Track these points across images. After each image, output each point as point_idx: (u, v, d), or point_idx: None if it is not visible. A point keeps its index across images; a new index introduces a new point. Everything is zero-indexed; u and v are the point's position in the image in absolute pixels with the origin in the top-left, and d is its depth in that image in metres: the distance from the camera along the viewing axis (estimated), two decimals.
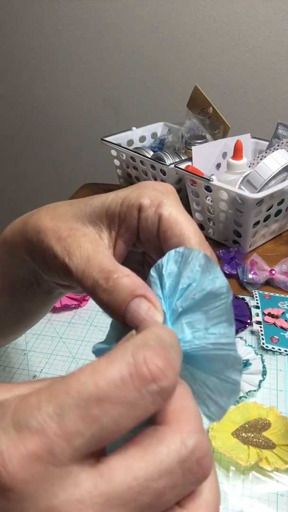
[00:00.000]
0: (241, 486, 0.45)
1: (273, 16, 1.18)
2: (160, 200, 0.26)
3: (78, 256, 0.25)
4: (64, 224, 0.26)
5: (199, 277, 0.22)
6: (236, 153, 0.81)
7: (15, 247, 0.30)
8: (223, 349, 0.21)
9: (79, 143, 1.67)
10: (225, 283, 0.22)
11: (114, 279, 0.23)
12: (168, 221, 0.25)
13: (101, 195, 0.27)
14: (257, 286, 0.72)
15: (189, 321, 0.22)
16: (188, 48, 1.32)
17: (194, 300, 0.22)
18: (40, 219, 0.27)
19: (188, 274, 0.22)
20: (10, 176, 1.89)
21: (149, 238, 0.26)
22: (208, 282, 0.22)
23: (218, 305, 0.21)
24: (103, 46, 1.43)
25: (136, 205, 0.26)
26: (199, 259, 0.22)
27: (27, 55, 1.56)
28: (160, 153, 0.92)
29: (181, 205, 0.26)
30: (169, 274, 0.23)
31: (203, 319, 0.21)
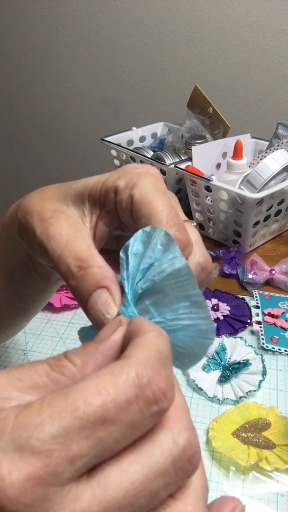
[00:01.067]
0: (241, 486, 0.45)
1: (273, 16, 1.18)
2: (134, 182, 0.25)
3: (57, 239, 0.25)
4: (50, 206, 0.27)
5: (160, 256, 0.22)
6: (236, 153, 0.81)
7: (11, 228, 0.30)
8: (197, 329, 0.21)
9: (79, 143, 1.67)
10: (183, 263, 0.21)
11: (85, 268, 0.24)
12: (139, 202, 0.25)
13: (86, 179, 0.27)
14: (257, 286, 0.72)
15: (153, 301, 0.22)
16: (188, 48, 1.32)
17: (154, 281, 0.21)
18: (30, 201, 0.28)
19: (150, 253, 0.22)
20: (10, 176, 1.89)
21: (128, 221, 0.26)
22: (167, 263, 0.21)
23: (181, 285, 0.21)
24: (103, 46, 1.43)
25: (112, 188, 0.26)
26: (161, 238, 0.22)
27: (27, 55, 1.56)
28: (160, 153, 0.92)
29: (157, 184, 0.25)
30: (134, 255, 0.22)
31: (167, 300, 0.21)
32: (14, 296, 0.36)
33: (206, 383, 0.55)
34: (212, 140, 0.95)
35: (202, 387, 0.54)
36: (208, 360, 0.58)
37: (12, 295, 0.36)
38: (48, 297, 0.39)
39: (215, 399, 0.54)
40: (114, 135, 1.00)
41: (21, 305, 0.38)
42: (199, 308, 0.21)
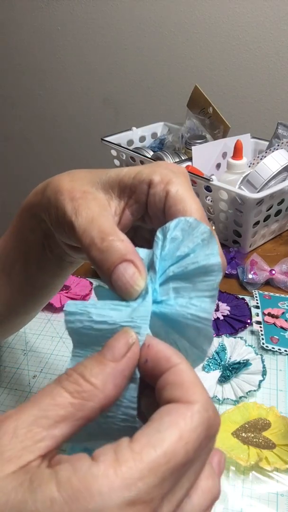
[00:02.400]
0: (241, 486, 0.45)
1: (273, 16, 1.18)
2: (169, 178, 0.27)
3: (84, 216, 0.26)
4: (80, 187, 0.28)
5: (198, 249, 0.23)
6: (236, 153, 0.82)
7: (36, 206, 0.32)
8: (200, 322, 0.22)
9: (79, 143, 1.67)
10: (218, 261, 0.23)
11: (109, 241, 0.25)
12: (174, 198, 0.26)
13: (119, 168, 0.29)
14: (257, 286, 0.72)
15: (176, 287, 0.23)
16: (188, 48, 1.32)
17: (186, 269, 0.23)
18: (60, 180, 0.29)
19: (189, 244, 0.23)
20: (10, 176, 1.89)
21: (156, 214, 0.28)
22: (203, 257, 0.23)
23: (206, 280, 0.22)
24: (103, 46, 1.43)
25: (147, 181, 0.27)
26: (204, 233, 0.23)
27: (27, 55, 1.56)
28: (160, 153, 0.92)
29: (189, 185, 0.28)
30: (172, 239, 0.24)
31: (189, 288, 0.23)
32: (28, 280, 0.37)
33: (206, 383, 0.55)
34: (212, 140, 0.95)
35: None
36: (208, 360, 0.58)
37: (26, 279, 0.37)
38: (60, 283, 0.40)
39: (215, 399, 0.54)
40: (114, 135, 1.00)
41: (34, 290, 0.39)
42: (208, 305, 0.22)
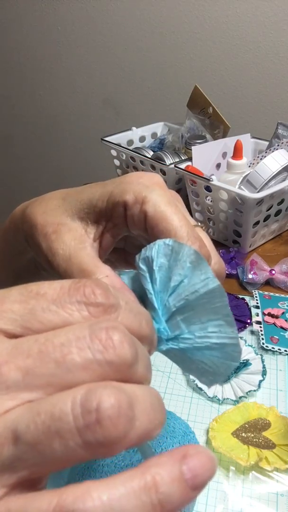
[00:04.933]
0: (241, 486, 0.45)
1: (273, 16, 1.18)
2: (144, 196, 0.25)
3: (60, 254, 0.25)
4: (53, 219, 0.27)
5: (190, 274, 0.22)
6: (236, 153, 0.81)
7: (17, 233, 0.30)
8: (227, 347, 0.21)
9: (79, 143, 1.67)
10: (217, 283, 0.21)
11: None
12: (153, 218, 0.25)
13: (91, 189, 0.27)
14: (257, 286, 0.72)
15: (184, 318, 0.22)
16: (188, 48, 1.32)
17: (188, 301, 0.22)
18: (33, 212, 0.28)
19: (179, 271, 0.22)
20: (10, 176, 1.89)
21: (139, 233, 0.26)
22: (201, 284, 0.21)
23: (213, 305, 0.21)
24: (103, 46, 1.43)
25: (121, 203, 0.25)
26: (190, 256, 0.22)
27: (27, 55, 1.56)
28: (160, 153, 0.92)
29: (167, 196, 0.25)
30: (159, 268, 0.22)
31: (198, 314, 0.22)
32: None
33: None
34: (212, 140, 0.95)
35: (202, 387, 0.54)
36: None
37: None
38: None
39: (215, 399, 0.54)
40: (114, 135, 1.00)
41: None
42: (228, 327, 0.21)
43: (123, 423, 0.14)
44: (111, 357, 0.16)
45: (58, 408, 0.14)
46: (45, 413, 0.14)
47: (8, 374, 0.15)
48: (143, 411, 0.16)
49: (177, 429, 0.48)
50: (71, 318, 0.17)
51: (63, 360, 0.15)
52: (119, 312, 0.18)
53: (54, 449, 0.14)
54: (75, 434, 0.14)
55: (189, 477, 0.15)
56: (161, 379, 0.57)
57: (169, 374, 0.58)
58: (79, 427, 0.14)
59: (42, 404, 0.15)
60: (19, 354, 0.16)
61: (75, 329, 0.16)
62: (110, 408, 0.14)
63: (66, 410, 0.14)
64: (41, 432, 0.14)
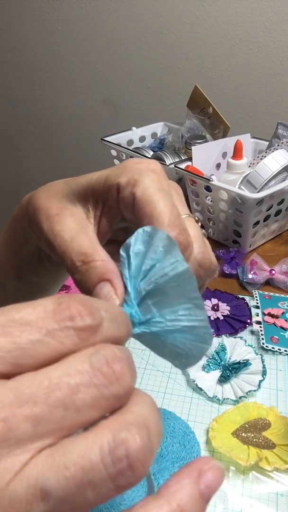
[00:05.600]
0: (241, 486, 0.45)
1: (273, 16, 1.18)
2: (136, 179, 0.25)
3: (62, 236, 0.26)
4: (56, 203, 0.27)
5: (162, 258, 0.22)
6: (236, 153, 0.82)
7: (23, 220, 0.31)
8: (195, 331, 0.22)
9: (79, 143, 1.67)
10: (186, 267, 0.21)
11: (88, 263, 0.24)
12: (141, 200, 0.25)
13: (89, 174, 0.27)
14: (257, 286, 0.72)
15: (155, 301, 0.22)
16: (188, 48, 1.32)
17: (157, 284, 0.22)
18: (37, 197, 0.28)
19: (151, 255, 0.22)
20: (10, 176, 1.89)
21: (131, 217, 0.26)
22: (170, 267, 0.22)
23: (183, 288, 0.22)
24: (103, 46, 1.43)
25: (114, 185, 0.26)
26: (162, 240, 0.22)
27: (28, 55, 1.56)
28: (160, 153, 0.92)
29: (159, 181, 0.25)
30: (136, 254, 0.23)
31: (169, 299, 0.22)
32: (24, 287, 0.36)
33: (206, 383, 0.55)
34: (212, 140, 0.95)
35: (202, 387, 0.55)
36: (208, 360, 0.58)
37: (22, 287, 0.36)
38: (59, 285, 0.39)
39: (215, 399, 0.54)
40: (114, 135, 1.00)
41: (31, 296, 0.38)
42: (197, 310, 0.22)
43: (150, 458, 0.15)
44: (117, 390, 0.16)
45: (87, 459, 0.14)
46: (75, 465, 0.14)
47: (17, 427, 0.14)
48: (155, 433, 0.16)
49: (177, 429, 0.48)
50: (63, 347, 0.16)
51: (72, 403, 0.15)
52: (104, 326, 0.17)
53: (87, 497, 0.14)
54: (107, 481, 0.14)
55: (206, 492, 0.16)
56: (161, 379, 0.57)
57: (169, 374, 0.58)
58: (111, 475, 0.14)
59: (66, 455, 0.14)
60: (24, 403, 0.15)
61: (75, 365, 0.16)
62: (139, 451, 0.15)
63: (96, 461, 0.14)
64: (72, 485, 0.14)
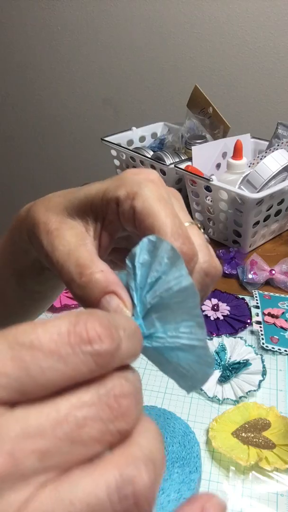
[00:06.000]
0: (241, 486, 0.45)
1: (273, 16, 1.18)
2: (135, 191, 0.25)
3: (61, 250, 0.25)
4: (55, 217, 0.27)
5: (167, 270, 0.22)
6: (236, 153, 0.82)
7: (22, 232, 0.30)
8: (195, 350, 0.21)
9: (79, 143, 1.67)
10: (190, 282, 0.21)
11: (87, 275, 0.24)
12: (141, 213, 0.24)
13: (88, 187, 0.27)
14: (257, 286, 0.72)
15: (159, 316, 0.22)
16: (188, 48, 1.32)
17: (162, 298, 0.21)
18: (36, 211, 0.28)
19: (157, 266, 0.22)
20: (10, 176, 1.89)
21: (131, 230, 0.26)
22: (174, 281, 0.21)
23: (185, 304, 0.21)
24: (103, 46, 1.43)
25: (114, 199, 0.25)
26: (167, 252, 0.22)
27: (28, 55, 1.56)
28: (160, 153, 0.92)
29: (159, 192, 0.25)
30: (141, 264, 0.22)
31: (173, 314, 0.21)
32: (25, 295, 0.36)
33: (206, 383, 0.55)
34: (212, 140, 0.95)
35: (202, 387, 0.55)
36: None
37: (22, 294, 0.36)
38: (60, 292, 0.39)
39: (215, 399, 0.54)
40: (114, 135, 1.00)
41: (32, 303, 0.38)
42: (198, 329, 0.21)
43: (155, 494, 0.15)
44: (122, 426, 0.16)
45: (93, 496, 0.14)
46: (80, 502, 0.14)
47: (23, 462, 0.14)
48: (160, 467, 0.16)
49: (177, 429, 0.48)
50: (76, 375, 0.16)
51: (79, 437, 0.15)
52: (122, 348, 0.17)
53: None
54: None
55: None
56: (161, 379, 0.57)
57: None
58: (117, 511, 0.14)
59: (72, 491, 0.14)
60: (31, 436, 0.14)
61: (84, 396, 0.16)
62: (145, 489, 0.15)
63: (103, 498, 0.14)
64: None
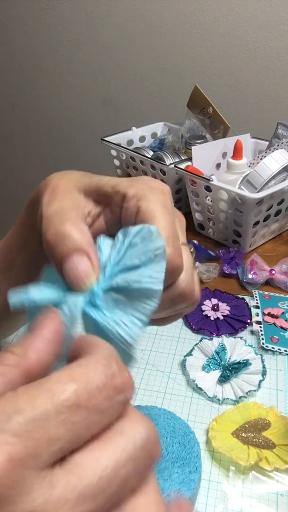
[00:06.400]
0: (241, 486, 0.45)
1: (273, 16, 1.18)
2: (144, 194, 0.26)
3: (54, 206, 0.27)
4: (65, 185, 0.28)
5: (148, 265, 0.23)
6: (236, 153, 0.82)
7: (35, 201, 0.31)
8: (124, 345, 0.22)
9: (79, 143, 1.67)
10: (160, 288, 0.22)
11: (67, 227, 0.25)
12: (144, 214, 0.25)
13: (103, 176, 0.29)
14: (257, 286, 0.72)
15: (117, 299, 0.23)
16: (188, 48, 1.32)
17: (129, 286, 0.22)
18: (52, 177, 0.30)
19: (141, 256, 0.23)
20: (10, 176, 1.89)
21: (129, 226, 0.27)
22: (148, 279, 0.22)
23: (144, 304, 0.22)
24: (103, 46, 1.43)
25: (122, 193, 0.27)
26: (158, 249, 0.23)
27: (28, 55, 1.56)
28: (160, 153, 0.92)
29: (165, 202, 0.26)
30: (130, 245, 0.23)
31: (128, 306, 0.22)
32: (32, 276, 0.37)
33: (206, 383, 0.55)
34: (212, 140, 0.95)
35: (202, 387, 0.55)
36: (208, 360, 0.58)
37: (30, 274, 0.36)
38: None
39: (215, 399, 0.54)
40: (114, 135, 1.00)
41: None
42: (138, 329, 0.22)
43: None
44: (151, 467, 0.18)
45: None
46: None
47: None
48: None
49: (177, 429, 0.48)
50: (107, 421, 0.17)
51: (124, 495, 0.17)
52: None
53: None
54: None
55: None
56: (161, 379, 0.57)
57: (169, 374, 0.58)
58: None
59: None
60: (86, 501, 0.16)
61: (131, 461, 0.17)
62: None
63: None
64: None
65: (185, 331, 0.65)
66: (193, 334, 0.64)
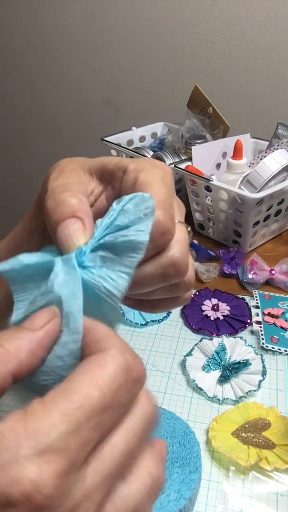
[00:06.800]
0: (241, 486, 0.45)
1: (273, 16, 1.18)
2: (144, 167, 0.27)
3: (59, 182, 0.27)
4: (73, 165, 0.29)
5: (136, 222, 0.23)
6: (236, 153, 0.82)
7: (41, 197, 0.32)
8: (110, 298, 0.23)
9: (79, 143, 1.67)
10: (146, 240, 0.23)
11: (66, 195, 0.26)
12: (141, 183, 0.26)
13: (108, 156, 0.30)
14: (257, 286, 0.72)
15: (104, 256, 0.23)
16: (188, 48, 1.32)
17: (115, 240, 0.23)
18: (61, 161, 0.31)
19: (131, 216, 0.23)
20: (10, 176, 1.89)
21: None
22: (134, 232, 0.23)
23: (130, 256, 0.23)
24: (103, 46, 1.43)
25: (122, 168, 0.28)
26: (147, 208, 0.23)
27: (28, 55, 1.56)
28: (160, 153, 0.92)
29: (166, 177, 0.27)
30: (122, 210, 0.24)
31: (115, 261, 0.23)
32: None
33: (206, 383, 0.55)
34: (212, 140, 0.95)
35: (202, 387, 0.55)
36: (208, 360, 0.58)
37: None
38: None
39: (215, 399, 0.54)
40: (114, 135, 1.00)
41: None
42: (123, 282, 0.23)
43: None
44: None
45: None
46: None
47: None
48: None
49: (177, 429, 0.48)
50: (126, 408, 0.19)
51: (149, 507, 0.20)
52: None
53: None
54: None
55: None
56: (161, 379, 0.57)
57: (169, 374, 0.58)
58: None
59: None
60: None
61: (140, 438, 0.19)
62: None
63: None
64: None
65: (185, 331, 0.65)
66: (193, 334, 0.64)
